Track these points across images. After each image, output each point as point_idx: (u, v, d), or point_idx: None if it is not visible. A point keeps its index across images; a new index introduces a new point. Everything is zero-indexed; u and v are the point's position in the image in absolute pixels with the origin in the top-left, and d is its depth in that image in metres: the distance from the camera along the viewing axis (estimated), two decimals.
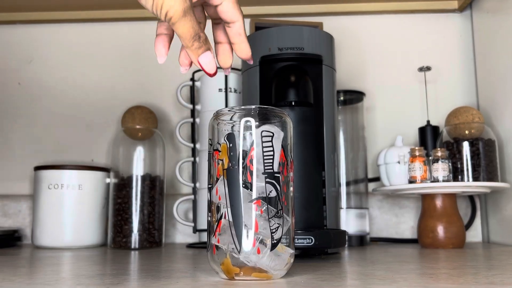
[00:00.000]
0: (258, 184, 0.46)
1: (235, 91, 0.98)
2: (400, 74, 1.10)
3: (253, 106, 0.48)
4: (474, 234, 1.03)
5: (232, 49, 0.52)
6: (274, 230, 0.46)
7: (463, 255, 0.73)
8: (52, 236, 0.92)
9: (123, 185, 0.92)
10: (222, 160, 0.47)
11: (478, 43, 1.06)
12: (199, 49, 0.47)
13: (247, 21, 0.98)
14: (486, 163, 0.89)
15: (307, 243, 0.65)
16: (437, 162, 0.86)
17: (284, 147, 0.48)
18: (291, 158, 0.49)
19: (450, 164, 0.87)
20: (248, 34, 0.86)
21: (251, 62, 0.54)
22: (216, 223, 0.47)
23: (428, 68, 1.01)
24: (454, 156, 0.90)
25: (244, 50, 0.51)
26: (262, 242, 0.45)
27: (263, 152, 0.47)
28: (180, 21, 0.45)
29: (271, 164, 0.47)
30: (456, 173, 0.90)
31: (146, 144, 0.95)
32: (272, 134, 0.48)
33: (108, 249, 0.89)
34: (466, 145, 0.90)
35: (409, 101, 1.08)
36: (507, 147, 0.92)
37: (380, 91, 1.09)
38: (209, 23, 0.54)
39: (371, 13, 1.12)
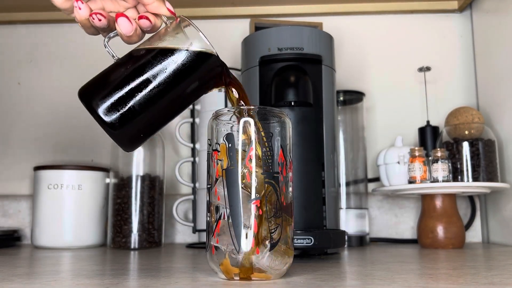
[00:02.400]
0: (257, 184, 0.46)
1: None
2: (400, 74, 1.10)
3: (252, 106, 0.48)
4: (474, 234, 1.03)
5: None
6: (273, 231, 0.46)
7: (463, 256, 0.73)
8: (51, 236, 0.92)
9: (122, 185, 0.92)
10: (221, 160, 0.47)
11: (478, 43, 1.06)
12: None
13: (247, 21, 0.98)
14: (486, 164, 0.89)
15: (306, 243, 0.65)
16: (437, 162, 0.86)
17: (283, 147, 0.48)
18: (290, 158, 0.49)
19: (449, 164, 0.87)
20: (248, 34, 0.86)
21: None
22: (215, 224, 0.47)
23: (428, 68, 1.01)
24: (454, 157, 0.90)
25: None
26: (261, 242, 0.45)
27: (262, 152, 0.47)
28: None
29: (270, 164, 0.47)
30: (456, 174, 0.90)
31: (146, 144, 0.94)
32: (271, 135, 0.48)
33: (108, 249, 0.89)
34: (466, 146, 0.90)
35: (409, 101, 1.08)
36: (507, 147, 0.92)
37: (380, 91, 1.09)
38: None
39: (371, 13, 1.12)
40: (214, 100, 0.97)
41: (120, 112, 0.47)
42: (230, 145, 0.47)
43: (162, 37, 0.50)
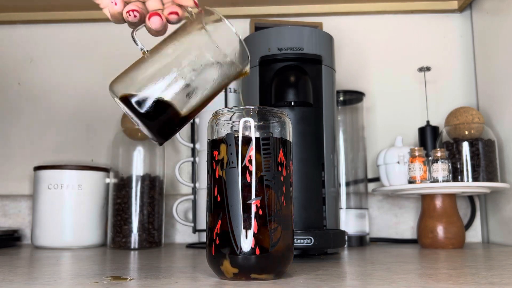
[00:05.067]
0: (257, 184, 0.46)
1: (234, 91, 0.98)
2: (400, 74, 1.10)
3: (252, 106, 0.48)
4: (474, 234, 1.03)
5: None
6: (273, 231, 0.46)
7: (463, 256, 0.73)
8: (51, 236, 0.92)
9: (122, 185, 0.92)
10: (221, 160, 0.47)
11: (478, 43, 1.06)
12: None
13: (247, 21, 0.98)
14: (485, 164, 0.89)
15: (306, 243, 0.65)
16: (437, 162, 0.86)
17: (283, 147, 0.48)
18: (290, 158, 0.49)
19: (449, 164, 0.87)
20: (248, 34, 0.86)
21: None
22: (215, 224, 0.47)
23: (428, 68, 1.01)
24: (454, 157, 0.90)
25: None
26: (261, 242, 0.45)
27: (262, 152, 0.47)
28: None
29: (270, 164, 0.47)
30: (455, 174, 0.90)
31: (146, 144, 0.95)
32: (271, 134, 0.48)
33: (108, 249, 0.89)
34: (465, 146, 0.90)
35: (409, 101, 1.08)
36: (507, 147, 0.92)
37: (380, 91, 1.09)
38: None
39: (371, 13, 1.12)
40: (214, 100, 0.97)
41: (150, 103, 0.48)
42: (230, 145, 0.47)
43: (189, 30, 0.50)
